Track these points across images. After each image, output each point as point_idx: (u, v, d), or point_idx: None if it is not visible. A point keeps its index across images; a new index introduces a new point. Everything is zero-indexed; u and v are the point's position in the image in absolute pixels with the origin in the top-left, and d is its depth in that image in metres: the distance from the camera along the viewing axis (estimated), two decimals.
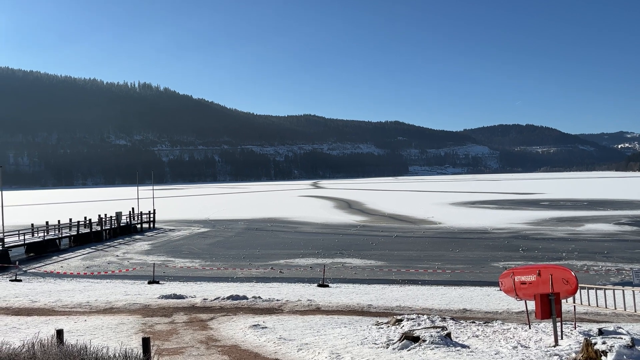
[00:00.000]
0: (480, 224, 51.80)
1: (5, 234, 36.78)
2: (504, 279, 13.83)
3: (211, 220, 63.33)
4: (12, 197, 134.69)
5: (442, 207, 77.16)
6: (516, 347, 10.73)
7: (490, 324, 13.77)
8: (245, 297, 18.69)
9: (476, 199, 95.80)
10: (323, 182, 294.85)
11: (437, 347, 10.17)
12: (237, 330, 13.82)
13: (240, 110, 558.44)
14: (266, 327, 13.82)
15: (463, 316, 15.83)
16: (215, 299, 18.50)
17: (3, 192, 44.90)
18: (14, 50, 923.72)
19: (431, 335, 10.59)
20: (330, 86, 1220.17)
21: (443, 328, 11.74)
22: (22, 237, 38.67)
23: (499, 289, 19.96)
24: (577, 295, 13.10)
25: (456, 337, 11.66)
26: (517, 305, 16.95)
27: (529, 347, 10.76)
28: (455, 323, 13.61)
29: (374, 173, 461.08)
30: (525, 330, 12.69)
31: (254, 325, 13.92)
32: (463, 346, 10.66)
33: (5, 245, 35.48)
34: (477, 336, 12.20)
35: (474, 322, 14.08)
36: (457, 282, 24.59)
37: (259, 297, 18.85)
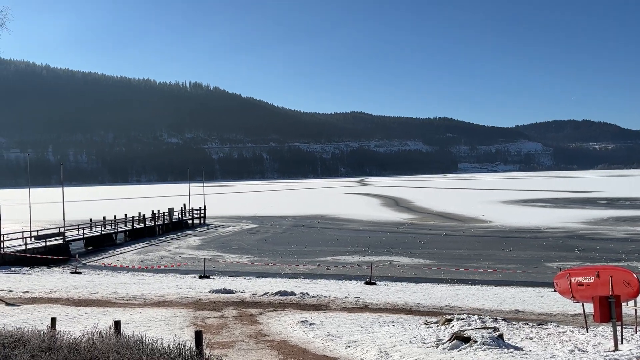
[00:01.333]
0: (533, 222, 50.20)
1: (66, 228, 38.58)
2: (559, 280, 13.34)
3: (259, 217, 64.24)
4: (72, 192, 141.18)
5: (492, 205, 75.29)
6: (573, 350, 10.33)
7: (544, 326, 13.32)
8: (293, 293, 18.84)
9: (529, 197, 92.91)
10: (370, 180, 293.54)
11: (489, 349, 9.92)
12: (285, 325, 13.95)
13: (288, 108, 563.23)
14: (314, 324, 13.88)
15: (515, 317, 15.39)
16: (263, 294, 18.75)
17: (64, 188, 47.09)
18: (74, 53, 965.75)
19: (483, 336, 10.34)
20: (378, 83, 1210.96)
21: (495, 329, 11.44)
22: (81, 232, 40.50)
23: (553, 290, 19.28)
24: (639, 298, 12.48)
25: (509, 339, 11.34)
26: (573, 307, 16.32)
27: (587, 351, 10.33)
28: (508, 324, 13.25)
29: (421, 170, 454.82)
30: (583, 334, 12.21)
31: (302, 321, 14.01)
32: (516, 348, 10.36)
33: (66, 239, 37.25)
34: (530, 338, 11.83)
35: (527, 324, 13.66)
36: (509, 282, 23.93)
37: (307, 294, 18.96)
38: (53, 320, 10.79)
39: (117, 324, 9.50)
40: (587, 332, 12.39)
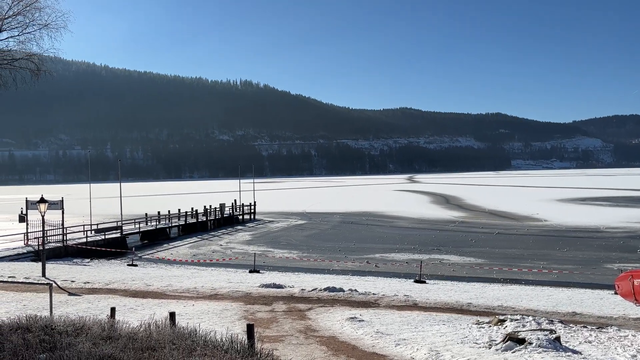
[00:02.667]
0: (591, 222, 48.15)
1: (123, 222, 40.12)
2: (620, 282, 12.75)
3: (308, 213, 64.65)
4: (129, 188, 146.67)
5: (548, 204, 72.73)
6: (635, 355, 9.85)
7: (604, 330, 12.75)
8: (341, 290, 18.86)
9: (587, 195, 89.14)
10: (419, 177, 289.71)
11: (545, 351, 9.59)
12: (334, 321, 13.98)
13: (336, 105, 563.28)
14: (363, 320, 13.85)
15: (572, 320, 14.81)
16: (312, 290, 18.86)
17: (121, 183, 48.99)
18: (131, 53, 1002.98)
19: (538, 338, 10.00)
20: (428, 78, 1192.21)
21: (551, 331, 11.05)
22: (137, 226, 42.02)
23: (613, 292, 18.46)
24: None
25: (566, 342, 10.93)
26: (636, 310, 15.57)
27: None
28: (565, 327, 12.77)
29: (473, 167, 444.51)
30: None
31: (351, 318, 14.01)
32: (574, 352, 9.97)
33: (124, 233, 38.74)
34: (589, 342, 11.35)
35: (586, 327, 13.13)
36: (565, 284, 23.08)
37: (355, 290, 18.93)
38: (112, 310, 11.25)
39: (172, 315, 9.80)
40: None
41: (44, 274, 22.89)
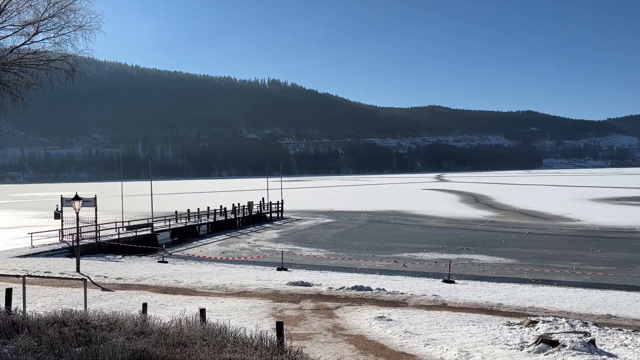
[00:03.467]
0: (626, 222, 46.83)
1: (153, 220, 40.85)
2: None
3: (335, 212, 64.66)
4: (159, 186, 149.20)
5: (581, 203, 71.03)
6: None
7: None
8: (369, 289, 18.80)
9: (622, 195, 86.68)
10: (448, 175, 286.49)
11: (579, 354, 9.37)
12: (362, 320, 13.95)
13: (364, 103, 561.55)
14: (391, 320, 13.78)
15: (607, 322, 14.43)
16: (340, 288, 18.85)
17: (152, 181, 49.88)
18: (162, 53, 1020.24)
19: (572, 341, 9.78)
20: (457, 76, 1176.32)
21: (585, 333, 10.79)
22: (167, 223, 42.73)
23: None
24: None
25: (601, 345, 10.65)
26: None
27: None
28: (599, 329, 12.45)
29: (503, 166, 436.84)
30: None
31: (379, 317, 13.96)
32: (609, 355, 9.72)
33: (154, 230, 39.46)
34: (625, 345, 11.05)
35: (621, 330, 12.77)
36: (599, 285, 22.51)
37: (383, 289, 18.85)
38: (144, 305, 11.47)
39: (202, 311, 9.93)
40: None
41: (78, 270, 23.49)
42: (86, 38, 19.67)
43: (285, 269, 26.18)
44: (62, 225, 33.67)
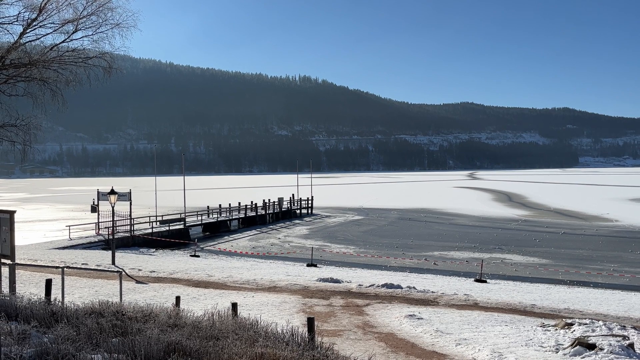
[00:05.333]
0: None
1: (186, 215, 41.52)
2: None
3: (365, 209, 64.45)
4: (191, 181, 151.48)
5: (619, 203, 68.91)
6: None
7: None
8: (399, 287, 18.67)
9: None
10: (480, 173, 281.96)
11: (618, 358, 9.10)
12: (392, 318, 13.88)
13: (395, 100, 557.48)
14: (422, 318, 13.67)
15: None
16: (370, 286, 18.79)
17: (185, 177, 50.67)
18: (195, 50, 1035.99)
19: (610, 344, 9.51)
20: (490, 72, 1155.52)
21: (624, 337, 10.48)
22: (199, 218, 43.37)
23: None
24: None
25: None
26: None
27: None
28: (638, 333, 12.06)
29: (537, 164, 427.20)
30: None
31: (409, 315, 13.86)
32: None
33: (187, 225, 40.11)
34: None
35: None
36: (638, 288, 21.83)
37: (414, 288, 18.69)
38: (177, 298, 11.68)
39: (234, 306, 10.05)
40: None
41: (113, 262, 24.09)
42: (123, 36, 20.05)
43: (315, 265, 26.25)
44: (98, 218, 34.57)
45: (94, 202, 36.33)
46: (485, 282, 22.14)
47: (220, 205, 49.76)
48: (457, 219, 51.85)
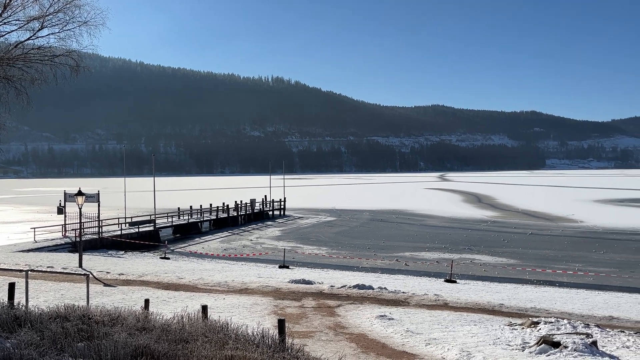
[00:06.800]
0: (629, 224, 46.71)
1: (156, 216, 40.90)
2: None
3: (337, 210, 64.65)
4: (162, 182, 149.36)
5: (584, 204, 70.87)
6: None
7: None
8: (371, 287, 18.80)
9: (625, 197, 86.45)
10: (450, 175, 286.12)
11: (581, 356, 9.36)
12: (363, 319, 13.96)
13: (367, 102, 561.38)
14: (393, 319, 13.79)
15: (609, 324, 14.41)
16: (341, 287, 18.86)
17: (155, 178, 49.91)
18: (165, 50, 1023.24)
19: (574, 342, 9.76)
20: (460, 76, 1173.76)
21: (587, 335, 10.78)
22: (170, 219, 42.78)
23: None
24: None
25: (603, 347, 10.64)
26: None
27: None
28: (601, 331, 12.43)
29: (506, 166, 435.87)
30: None
31: (380, 316, 13.96)
32: (611, 357, 9.70)
33: (157, 226, 39.51)
34: (627, 347, 11.02)
35: (623, 332, 12.75)
36: (601, 287, 22.43)
37: (385, 288, 18.84)
38: (146, 301, 11.49)
39: (204, 308, 9.95)
40: None
41: (80, 265, 23.56)
42: (91, 34, 19.69)
43: (287, 267, 26.19)
44: (65, 220, 33.76)
45: (60, 203, 35.50)
46: (455, 282, 22.46)
47: (191, 206, 49.19)
48: (428, 220, 52.47)
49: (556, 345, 9.93)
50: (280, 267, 26.22)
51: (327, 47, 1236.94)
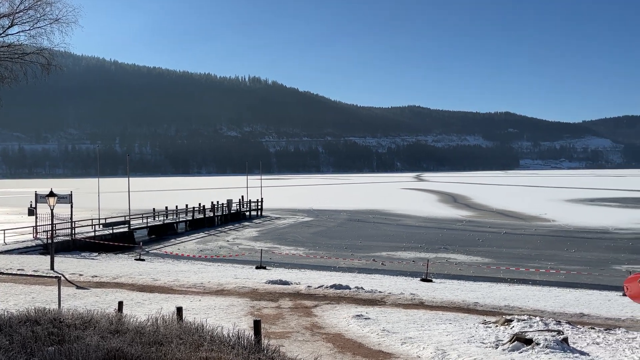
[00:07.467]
0: (600, 222, 47.85)
1: (131, 217, 40.32)
2: (629, 284, 12.68)
3: (315, 210, 64.69)
4: (137, 183, 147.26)
5: (556, 204, 72.34)
6: None
7: (612, 331, 12.67)
8: (347, 287, 18.86)
9: (596, 196, 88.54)
10: (427, 175, 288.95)
11: (553, 352, 9.55)
12: (340, 319, 13.99)
13: (344, 102, 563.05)
14: (369, 318, 13.85)
15: (580, 321, 14.73)
16: (318, 287, 18.87)
17: (129, 178, 49.22)
18: (141, 49, 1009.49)
19: (546, 339, 9.96)
20: (436, 77, 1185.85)
21: (559, 332, 11.00)
22: (145, 221, 42.22)
23: (622, 294, 18.36)
24: None
25: (574, 343, 10.87)
26: None
27: None
28: (572, 328, 12.70)
29: (481, 166, 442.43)
30: None
31: (357, 316, 14.01)
32: (582, 353, 9.92)
33: (131, 227, 38.95)
34: (597, 343, 11.29)
35: (593, 328, 13.05)
36: (573, 284, 22.94)
37: (362, 288, 18.93)
38: (120, 304, 11.32)
39: (179, 310, 9.84)
40: None
41: (52, 267, 23.07)
42: (62, 31, 19.31)
43: (264, 268, 26.09)
44: (36, 222, 33.00)
45: (31, 204, 34.63)
46: (431, 281, 22.68)
47: (166, 207, 48.60)
48: (404, 220, 52.88)
49: (528, 342, 10.11)
50: (257, 267, 26.11)
51: (304, 48, 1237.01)
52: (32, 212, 34.12)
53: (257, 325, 8.11)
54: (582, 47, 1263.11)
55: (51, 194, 23.42)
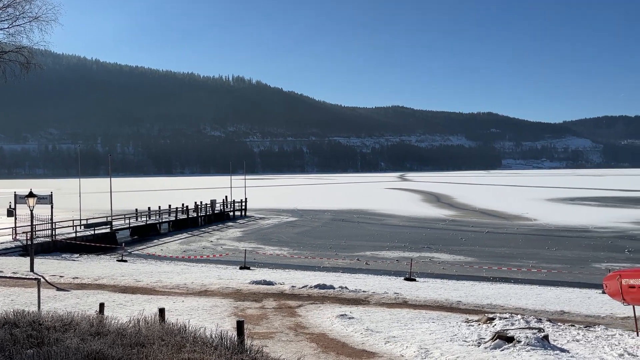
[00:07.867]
0: (580, 221, 48.58)
1: (113, 218, 39.86)
2: (608, 282, 12.87)
3: (299, 210, 64.63)
4: (119, 183, 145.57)
5: (537, 203, 73.26)
6: (622, 354, 9.95)
7: (592, 329, 12.88)
8: (332, 287, 18.88)
9: (576, 195, 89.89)
10: (410, 175, 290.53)
11: (534, 350, 9.66)
12: (324, 318, 13.99)
13: (329, 102, 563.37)
14: (353, 318, 13.87)
15: (560, 318, 14.94)
16: (303, 287, 18.86)
17: (111, 178, 48.66)
18: (123, 48, 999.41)
19: (527, 337, 10.07)
20: (420, 77, 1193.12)
21: (539, 329, 11.14)
22: (127, 221, 41.77)
23: (601, 291, 18.68)
24: None
25: (554, 340, 11.01)
26: (623, 310, 15.69)
27: (637, 356, 9.94)
28: (553, 325, 12.87)
29: (464, 166, 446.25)
30: (633, 338, 11.73)
31: (341, 315, 14.03)
32: (562, 350, 10.05)
33: (113, 228, 38.52)
34: (577, 341, 11.46)
35: (574, 326, 13.24)
36: (554, 283, 23.27)
37: (346, 288, 18.96)
38: (101, 305, 11.18)
39: (161, 311, 9.75)
40: (638, 335, 11.91)
41: (32, 269, 22.70)
42: (42, 30, 18.95)
43: (248, 268, 26.00)
44: (15, 223, 32.43)
45: (10, 205, 34.09)
46: (414, 280, 22.80)
47: (149, 207, 48.14)
48: (388, 220, 53.10)
49: (510, 340, 10.22)
50: (241, 268, 26.01)
51: (288, 48, 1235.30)
52: (11, 213, 33.60)
53: (240, 325, 8.07)
54: (562, 49, 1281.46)
55: (31, 195, 23.06)
